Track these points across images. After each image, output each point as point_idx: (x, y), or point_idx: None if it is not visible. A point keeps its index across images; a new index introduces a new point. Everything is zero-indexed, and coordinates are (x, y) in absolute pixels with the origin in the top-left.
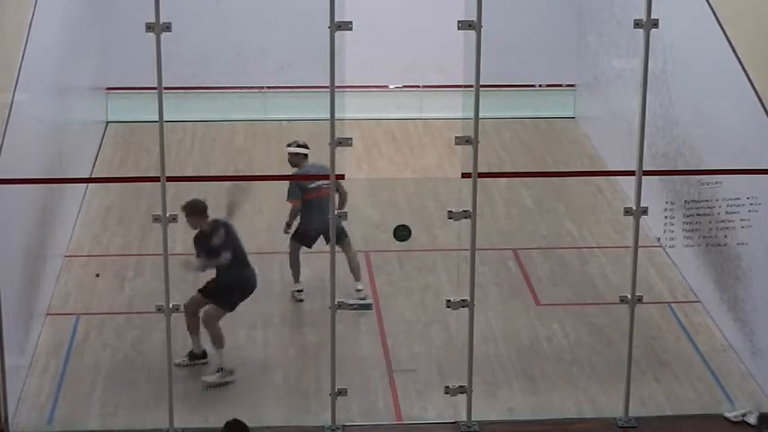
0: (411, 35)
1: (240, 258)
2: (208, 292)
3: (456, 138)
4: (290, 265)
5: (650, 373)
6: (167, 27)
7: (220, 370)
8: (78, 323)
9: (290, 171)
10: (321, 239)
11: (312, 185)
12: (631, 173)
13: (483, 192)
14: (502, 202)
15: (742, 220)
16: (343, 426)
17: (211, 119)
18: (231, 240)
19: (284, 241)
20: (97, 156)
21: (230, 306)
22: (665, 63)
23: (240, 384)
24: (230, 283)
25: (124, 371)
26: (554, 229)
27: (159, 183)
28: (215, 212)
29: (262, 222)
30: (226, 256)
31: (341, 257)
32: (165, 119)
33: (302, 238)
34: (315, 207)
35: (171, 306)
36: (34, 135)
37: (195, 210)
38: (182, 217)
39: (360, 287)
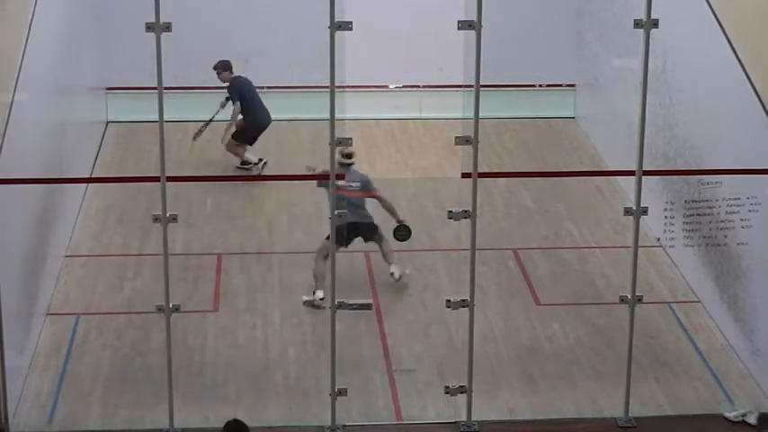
0: (411, 35)
1: None
2: None
3: (456, 138)
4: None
5: (650, 373)
6: (167, 27)
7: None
8: (78, 323)
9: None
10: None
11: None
12: (631, 173)
13: (483, 192)
14: (502, 202)
15: (742, 220)
16: (343, 426)
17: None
18: None
19: (283, 241)
20: (97, 156)
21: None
22: (665, 63)
23: (240, 384)
24: None
25: (124, 371)
26: (554, 229)
27: (159, 183)
28: (215, 213)
29: (261, 222)
30: None
31: (340, 257)
32: (165, 119)
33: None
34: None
35: (171, 306)
36: (34, 135)
37: None
38: (182, 216)
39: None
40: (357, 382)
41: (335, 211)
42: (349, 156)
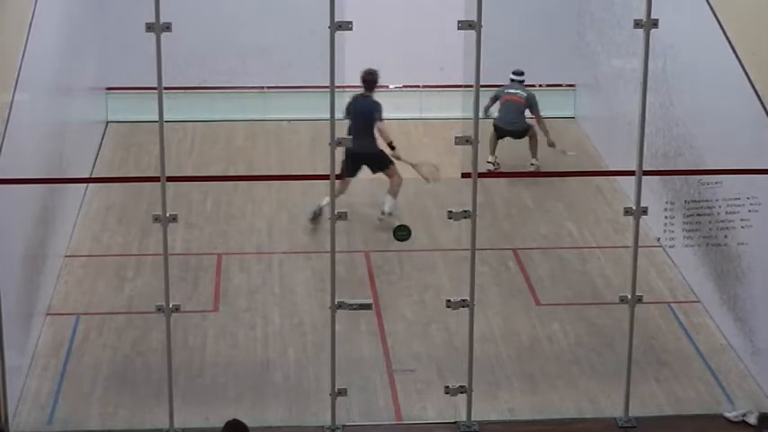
0: (411, 35)
1: None
2: None
3: (456, 138)
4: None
5: (650, 373)
6: (167, 27)
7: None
8: (78, 323)
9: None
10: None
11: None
12: (631, 173)
13: (483, 192)
14: (502, 202)
15: (742, 220)
16: (343, 426)
17: (211, 119)
18: None
19: (283, 241)
20: (97, 156)
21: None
22: (665, 63)
23: (240, 384)
24: None
25: (124, 371)
26: (554, 229)
27: (159, 183)
28: (215, 213)
29: (261, 222)
30: None
31: (340, 257)
32: (165, 119)
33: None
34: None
35: (171, 306)
36: (34, 135)
37: None
38: (182, 216)
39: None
40: (357, 382)
41: (335, 212)
42: (521, 73)
